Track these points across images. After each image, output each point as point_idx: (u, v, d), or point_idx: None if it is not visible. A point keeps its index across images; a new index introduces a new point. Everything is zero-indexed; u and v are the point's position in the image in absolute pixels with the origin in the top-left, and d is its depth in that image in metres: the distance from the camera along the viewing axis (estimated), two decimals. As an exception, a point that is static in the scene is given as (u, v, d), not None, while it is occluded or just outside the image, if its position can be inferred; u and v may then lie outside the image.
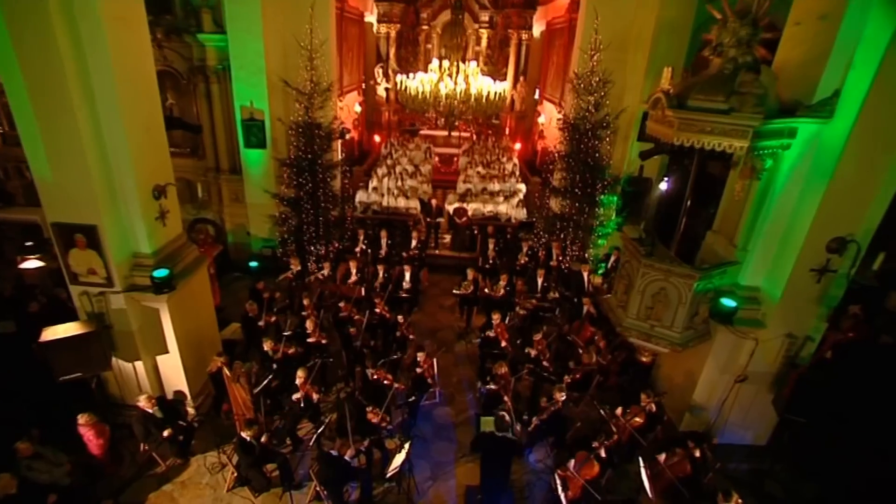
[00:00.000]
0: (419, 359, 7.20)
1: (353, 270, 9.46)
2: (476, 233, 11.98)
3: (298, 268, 9.37)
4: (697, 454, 6.04)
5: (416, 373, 7.19)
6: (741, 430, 7.16)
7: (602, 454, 5.99)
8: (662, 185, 10.42)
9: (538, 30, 16.75)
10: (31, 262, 8.49)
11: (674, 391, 7.39)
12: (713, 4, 5.30)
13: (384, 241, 10.65)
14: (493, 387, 6.96)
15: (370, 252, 10.59)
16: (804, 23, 5.52)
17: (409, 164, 13.92)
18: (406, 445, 5.94)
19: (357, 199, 12.39)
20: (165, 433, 6.30)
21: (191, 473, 6.57)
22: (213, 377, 6.99)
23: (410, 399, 7.11)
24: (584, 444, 6.13)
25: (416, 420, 7.37)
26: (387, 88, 16.84)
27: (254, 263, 10.63)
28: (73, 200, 5.99)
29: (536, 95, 17.26)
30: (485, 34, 16.55)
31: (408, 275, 9.47)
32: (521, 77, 16.90)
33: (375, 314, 8.23)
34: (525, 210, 12.36)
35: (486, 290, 9.21)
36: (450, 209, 12.23)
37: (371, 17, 16.49)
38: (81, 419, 6.01)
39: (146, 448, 6.44)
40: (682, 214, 6.78)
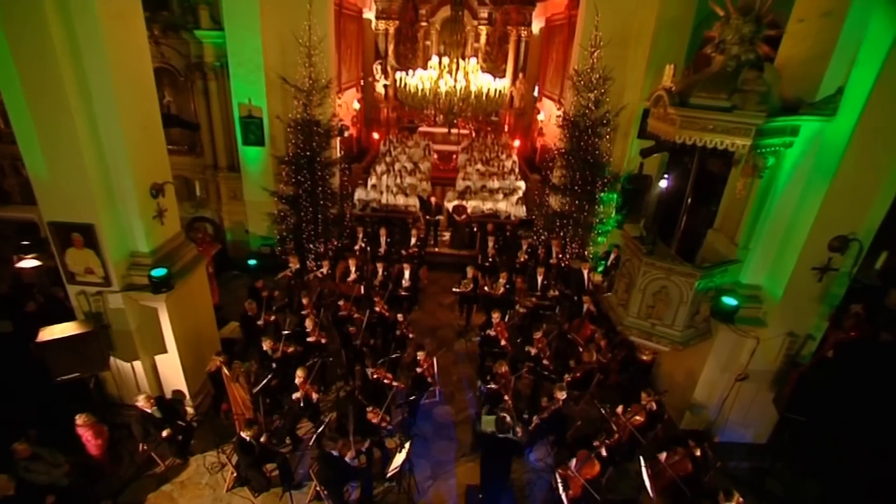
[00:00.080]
0: (419, 358, 7.17)
1: (353, 268, 9.44)
2: (475, 230, 11.95)
3: (297, 266, 9.33)
4: (698, 453, 6.03)
5: (417, 372, 7.16)
6: (741, 429, 7.16)
7: (603, 453, 5.98)
8: (662, 183, 10.39)
9: (537, 26, 16.71)
10: (28, 262, 8.41)
11: (674, 389, 7.38)
12: (716, 1, 5.25)
13: (383, 239, 10.61)
14: (493, 386, 6.94)
15: (369, 250, 10.55)
16: (807, 20, 5.48)
17: (408, 162, 13.88)
18: (406, 445, 5.92)
19: (356, 197, 12.35)
20: (164, 433, 6.28)
21: (190, 473, 6.54)
22: (212, 376, 6.96)
23: (410, 398, 7.09)
24: (585, 443, 6.12)
25: (416, 419, 7.35)
26: (385, 85, 16.78)
27: (252, 261, 10.61)
28: (70, 199, 5.93)
29: (536, 92, 17.21)
30: (484, 31, 16.50)
31: (407, 273, 9.44)
32: (521, 74, 16.87)
33: (375, 313, 8.20)
34: (524, 207, 12.33)
35: (486, 289, 9.19)
36: (449, 207, 12.19)
37: (369, 14, 16.42)
38: (79, 420, 5.98)
39: (145, 448, 6.42)
40: (683, 212, 6.76)
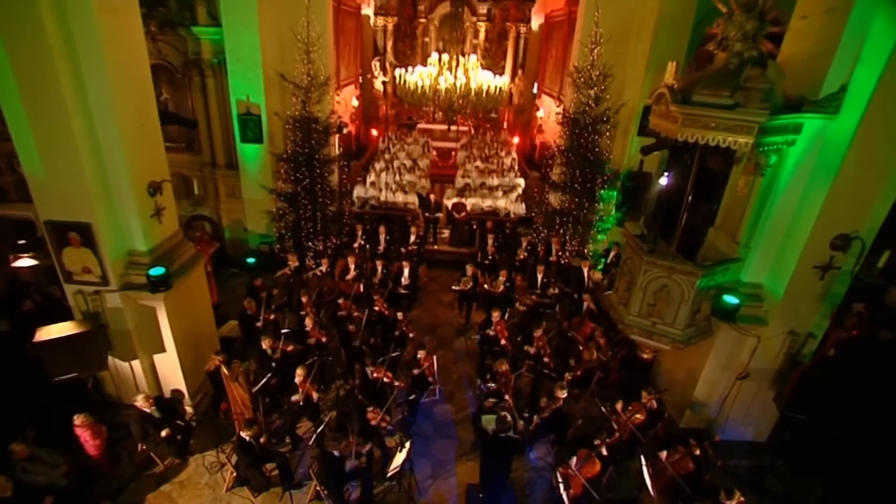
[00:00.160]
0: (420, 357, 7.14)
1: (352, 266, 9.40)
2: (475, 228, 11.92)
3: (296, 264, 9.29)
4: (699, 452, 6.02)
5: (417, 372, 7.13)
6: (742, 427, 7.15)
7: (604, 452, 5.97)
8: (662, 180, 10.36)
9: (536, 23, 16.64)
10: (24, 261, 8.34)
11: (675, 388, 7.37)
12: (718, -3, 5.21)
13: (383, 237, 10.58)
14: (493, 385, 6.92)
15: (368, 248, 10.51)
16: (811, 16, 5.43)
17: (407, 159, 13.83)
18: (407, 444, 5.89)
19: (355, 195, 12.31)
20: (163, 433, 6.24)
21: (189, 473, 6.51)
22: (211, 376, 6.92)
23: (410, 397, 7.07)
24: (586, 442, 6.10)
25: (416, 418, 7.33)
26: (384, 82, 16.72)
27: (251, 259, 10.55)
28: (67, 198, 5.86)
29: (535, 89, 17.16)
30: (483, 27, 16.44)
31: (406, 271, 9.41)
32: (520, 70, 16.81)
33: (374, 311, 8.17)
34: (524, 205, 12.30)
35: (486, 286, 9.16)
36: (448, 204, 12.15)
37: (368, 10, 16.32)
38: (77, 420, 5.94)
39: (144, 448, 6.38)
40: (684, 210, 6.73)
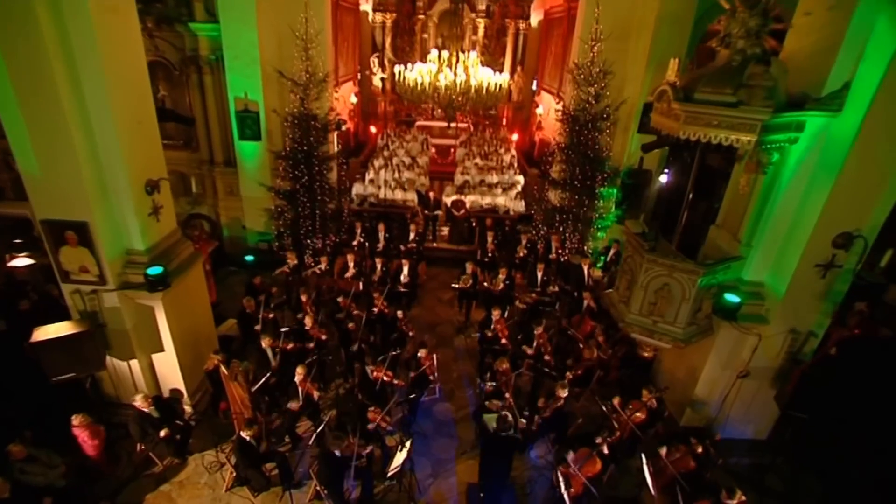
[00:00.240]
0: (421, 355, 7.11)
1: (351, 264, 9.37)
2: (474, 225, 11.88)
3: (295, 262, 9.24)
4: (700, 450, 6.01)
5: (418, 371, 7.09)
6: (742, 425, 7.15)
7: (604, 451, 5.95)
8: (662, 178, 10.34)
9: (535, 19, 16.54)
10: (20, 261, 8.27)
11: (675, 386, 7.35)
12: (721, -7, 5.16)
13: (382, 235, 10.52)
14: (492, 384, 6.90)
15: (368, 245, 10.46)
16: (814, 13, 5.38)
17: (406, 156, 13.78)
18: (407, 444, 5.87)
19: (354, 192, 12.25)
20: (162, 433, 6.20)
21: (189, 473, 6.48)
22: (210, 375, 6.88)
23: (411, 396, 7.04)
24: (586, 441, 6.09)
25: (416, 417, 7.31)
26: (382, 78, 16.63)
27: (250, 257, 10.52)
28: (63, 196, 5.80)
29: (534, 86, 17.09)
30: (482, 23, 16.34)
31: (406, 269, 9.37)
32: (519, 67, 16.73)
33: (374, 310, 8.13)
34: (523, 202, 12.26)
35: (486, 284, 9.13)
36: (447, 201, 12.10)
37: (366, 6, 16.21)
38: (75, 420, 5.90)
39: (143, 448, 6.34)
40: (684, 208, 6.71)
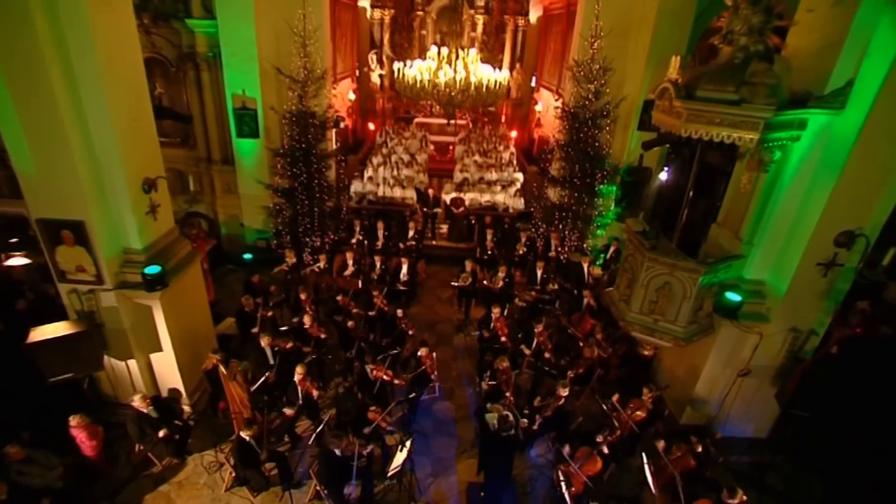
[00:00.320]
0: (421, 354, 7.08)
1: (350, 262, 9.32)
2: (473, 223, 11.84)
3: (294, 260, 9.19)
4: (700, 449, 6.00)
5: (418, 370, 7.06)
6: (742, 424, 7.14)
7: (605, 450, 5.94)
8: (662, 175, 10.31)
9: (535, 16, 16.48)
10: (17, 260, 8.19)
11: (676, 384, 7.34)
12: (724, -10, 5.11)
13: (381, 233, 10.47)
14: (492, 384, 6.87)
15: (367, 243, 10.42)
16: (817, 9, 5.33)
17: (405, 153, 13.72)
18: (407, 444, 5.84)
19: (352, 190, 12.20)
20: (161, 433, 6.16)
21: (188, 473, 6.45)
22: (209, 375, 6.84)
23: (411, 395, 7.01)
24: (587, 439, 6.07)
25: (416, 416, 7.29)
26: (381, 75, 16.56)
27: (248, 256, 10.47)
28: (59, 195, 5.74)
29: (533, 83, 17.03)
30: (480, 20, 16.27)
31: (405, 267, 9.33)
32: (518, 64, 16.67)
33: (374, 308, 8.09)
34: (523, 200, 12.22)
35: (485, 282, 9.10)
36: (447, 199, 12.05)
37: (365, 2, 16.12)
38: (73, 421, 5.86)
39: (141, 448, 6.30)
40: (685, 206, 6.68)
